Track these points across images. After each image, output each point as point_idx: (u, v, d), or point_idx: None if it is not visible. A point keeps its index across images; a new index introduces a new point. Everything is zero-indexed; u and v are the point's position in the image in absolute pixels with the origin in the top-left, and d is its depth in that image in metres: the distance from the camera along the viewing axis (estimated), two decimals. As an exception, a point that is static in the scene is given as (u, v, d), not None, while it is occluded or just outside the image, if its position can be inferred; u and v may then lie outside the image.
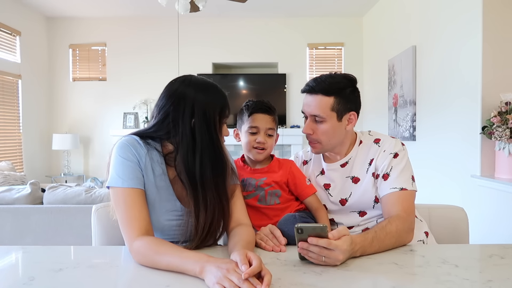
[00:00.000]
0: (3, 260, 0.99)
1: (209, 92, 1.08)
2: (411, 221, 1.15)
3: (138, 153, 1.04)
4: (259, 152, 1.26)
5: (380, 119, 4.59)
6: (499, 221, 2.43)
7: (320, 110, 1.23)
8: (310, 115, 1.26)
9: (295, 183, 1.28)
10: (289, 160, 1.35)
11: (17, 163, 4.70)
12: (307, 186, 1.29)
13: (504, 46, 2.53)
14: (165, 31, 5.33)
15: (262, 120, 1.26)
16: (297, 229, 0.89)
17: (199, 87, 1.08)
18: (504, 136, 2.26)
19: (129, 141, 1.06)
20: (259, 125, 1.25)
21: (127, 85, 5.40)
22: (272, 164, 1.31)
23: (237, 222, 1.12)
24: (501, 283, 0.82)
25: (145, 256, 0.92)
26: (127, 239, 0.97)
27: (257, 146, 1.25)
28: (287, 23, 5.39)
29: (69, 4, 4.86)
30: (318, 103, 1.23)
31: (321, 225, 0.91)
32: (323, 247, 0.89)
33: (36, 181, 2.61)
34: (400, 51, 3.98)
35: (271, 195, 1.26)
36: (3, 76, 4.50)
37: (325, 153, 1.34)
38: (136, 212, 0.99)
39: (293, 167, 1.31)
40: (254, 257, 0.81)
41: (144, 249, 0.92)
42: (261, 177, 1.27)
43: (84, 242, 2.39)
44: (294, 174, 1.29)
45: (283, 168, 1.30)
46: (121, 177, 1.01)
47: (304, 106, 1.28)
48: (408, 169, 1.24)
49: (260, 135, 1.25)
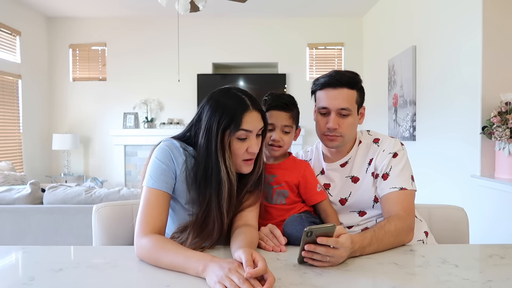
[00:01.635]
0: (3, 260, 0.99)
1: (219, 102, 1.06)
2: (410, 221, 1.15)
3: (176, 159, 1.06)
4: (274, 149, 1.24)
5: (380, 119, 4.59)
6: (499, 221, 2.43)
7: (348, 103, 1.22)
8: (337, 109, 1.22)
9: (306, 187, 1.25)
10: (305, 162, 1.31)
11: (17, 163, 4.70)
12: (317, 192, 1.26)
13: (504, 46, 2.53)
14: (165, 31, 5.33)
15: (278, 117, 1.23)
16: (307, 233, 0.87)
17: (216, 96, 1.08)
18: (504, 136, 2.26)
19: (169, 146, 1.08)
20: (274, 122, 1.23)
21: (127, 85, 5.40)
22: (286, 162, 1.28)
23: (245, 221, 1.10)
24: (501, 283, 0.82)
25: (149, 252, 0.93)
26: (137, 234, 0.99)
27: (272, 143, 1.24)
28: (287, 23, 5.39)
29: (69, 4, 4.86)
30: (345, 96, 1.22)
31: (330, 224, 0.90)
32: (329, 247, 0.88)
33: (36, 181, 2.61)
34: (400, 51, 3.98)
35: (279, 195, 1.24)
36: (3, 76, 4.50)
37: (332, 149, 1.32)
38: (155, 212, 1.02)
39: (307, 170, 1.27)
40: (259, 258, 0.81)
41: (150, 245, 0.94)
42: (272, 173, 1.25)
43: (84, 242, 2.39)
44: (307, 178, 1.25)
45: (297, 169, 1.26)
46: (153, 178, 1.04)
47: (327, 100, 1.23)
48: (408, 168, 1.24)
49: (275, 132, 1.23)
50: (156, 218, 1.01)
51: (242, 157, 1.07)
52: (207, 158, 1.04)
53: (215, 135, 1.03)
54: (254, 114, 1.05)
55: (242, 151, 1.06)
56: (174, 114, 5.38)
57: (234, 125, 1.02)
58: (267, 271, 0.79)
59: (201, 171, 1.04)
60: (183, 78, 5.15)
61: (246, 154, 1.07)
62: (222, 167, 1.04)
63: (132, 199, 1.75)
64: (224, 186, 1.04)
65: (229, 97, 1.06)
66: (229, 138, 1.04)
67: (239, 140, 1.05)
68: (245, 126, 1.03)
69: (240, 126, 1.02)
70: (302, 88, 5.26)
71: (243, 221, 1.10)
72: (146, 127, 5.33)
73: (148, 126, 5.32)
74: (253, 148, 1.06)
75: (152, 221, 1.00)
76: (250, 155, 1.07)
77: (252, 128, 1.05)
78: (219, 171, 1.03)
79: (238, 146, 1.05)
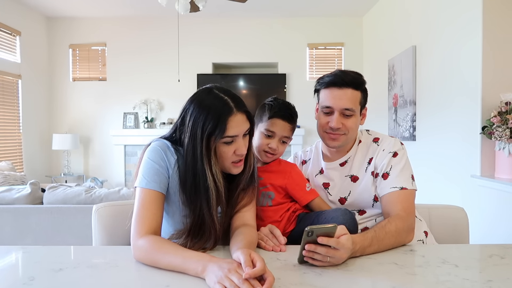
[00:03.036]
0: (3, 260, 0.99)
1: (201, 105, 1.02)
2: (411, 221, 1.15)
3: (168, 159, 1.06)
4: (268, 156, 1.25)
5: (380, 119, 4.59)
6: (499, 221, 2.43)
7: (353, 104, 1.22)
8: (341, 109, 1.22)
9: (294, 188, 1.25)
10: (291, 164, 1.32)
11: (17, 163, 4.70)
12: (307, 192, 1.26)
13: (504, 46, 2.53)
14: (165, 31, 5.33)
15: (282, 127, 1.22)
16: (308, 232, 0.87)
17: (198, 98, 1.06)
18: (504, 136, 2.26)
19: (161, 146, 1.07)
20: (276, 131, 1.22)
21: (127, 85, 5.40)
22: (271, 165, 1.28)
23: (243, 221, 1.10)
24: (501, 283, 0.82)
25: (147, 253, 0.93)
26: (134, 235, 0.98)
27: (268, 151, 1.24)
28: (287, 23, 5.39)
29: (69, 4, 4.86)
30: (350, 97, 1.22)
31: (331, 225, 0.90)
32: (329, 247, 0.88)
33: (36, 181, 2.61)
34: (400, 51, 3.98)
35: (264, 196, 1.24)
36: (3, 76, 4.50)
37: (333, 149, 1.32)
38: (150, 212, 1.01)
39: (294, 172, 1.27)
40: (258, 259, 0.81)
41: (148, 245, 0.94)
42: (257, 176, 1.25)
43: (84, 242, 2.39)
44: (294, 179, 1.25)
45: (282, 171, 1.26)
46: (146, 178, 1.03)
47: (332, 100, 1.23)
48: (408, 168, 1.24)
49: (274, 140, 1.23)
50: (151, 219, 1.00)
51: (231, 159, 1.05)
52: (194, 164, 1.02)
53: (200, 141, 1.00)
54: (239, 117, 1.02)
55: (230, 154, 1.04)
56: (174, 114, 5.37)
57: (219, 131, 0.99)
58: (266, 271, 0.79)
59: (190, 178, 1.03)
60: (183, 78, 5.15)
61: (234, 156, 1.05)
62: (209, 174, 1.02)
63: (132, 199, 1.75)
64: (212, 194, 1.03)
65: (212, 99, 1.02)
66: (214, 144, 1.02)
67: (225, 144, 1.03)
68: (230, 131, 1.00)
69: (225, 132, 1.00)
70: (302, 88, 5.26)
71: (241, 221, 1.10)
72: (146, 127, 5.33)
73: (148, 126, 5.32)
74: (241, 150, 1.04)
75: (148, 222, 1.00)
76: (239, 157, 1.06)
77: (238, 133, 1.02)
78: (206, 179, 1.02)
79: (225, 149, 1.03)
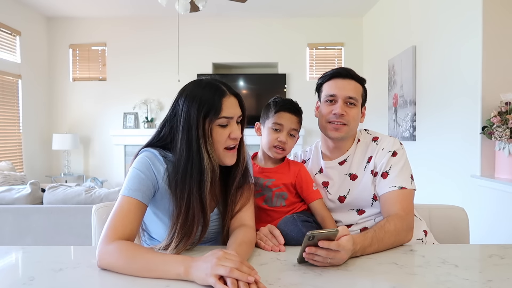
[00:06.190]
0: (3, 260, 0.99)
1: (194, 93, 1.03)
2: (410, 220, 1.15)
3: (157, 169, 1.02)
4: (278, 152, 1.25)
5: (380, 119, 4.59)
6: (499, 221, 2.43)
7: (356, 94, 1.27)
8: (344, 97, 1.25)
9: (302, 186, 1.27)
10: (299, 163, 1.34)
11: (17, 163, 4.70)
12: (313, 191, 1.27)
13: (504, 46, 2.53)
14: (165, 31, 5.33)
15: (288, 119, 1.24)
16: (309, 237, 0.86)
17: (189, 89, 1.05)
18: (504, 136, 2.26)
19: (149, 156, 1.03)
20: (284, 123, 1.24)
21: (127, 85, 5.40)
22: (282, 165, 1.30)
23: (240, 222, 1.10)
24: (501, 283, 0.82)
25: (118, 258, 0.87)
26: (104, 239, 0.92)
27: (278, 145, 1.24)
28: (287, 23, 5.39)
29: (69, 4, 4.86)
30: (354, 87, 1.27)
31: (333, 230, 0.89)
32: (330, 250, 0.88)
33: (36, 181, 2.61)
34: (400, 51, 3.98)
35: (278, 197, 1.25)
36: (3, 76, 4.50)
37: (331, 146, 1.32)
38: (127, 220, 0.95)
39: (302, 170, 1.29)
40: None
41: (119, 250, 0.88)
42: (269, 177, 1.26)
43: (84, 242, 2.39)
44: (302, 177, 1.27)
45: (292, 170, 1.28)
46: (129, 187, 0.99)
47: (336, 89, 1.27)
48: (407, 167, 1.24)
49: (283, 133, 1.24)
50: (126, 226, 0.94)
51: (225, 144, 1.04)
52: (188, 149, 1.00)
53: (195, 124, 0.99)
54: (232, 99, 1.04)
55: (224, 138, 1.03)
56: (174, 114, 5.37)
57: (215, 111, 1.00)
58: None
59: (182, 165, 1.00)
60: (183, 78, 5.15)
61: (229, 140, 1.04)
62: (205, 155, 1.00)
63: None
64: (208, 175, 1.00)
65: (204, 86, 1.04)
66: (210, 126, 1.01)
67: (220, 126, 1.02)
68: (225, 112, 1.01)
69: (221, 112, 1.00)
70: (302, 88, 5.26)
71: (238, 222, 1.11)
72: (146, 127, 5.33)
73: (148, 126, 5.32)
74: (235, 133, 1.04)
75: (122, 228, 0.93)
76: (233, 141, 1.05)
77: (232, 114, 1.03)
78: (201, 160, 0.99)
79: (220, 132, 1.03)
